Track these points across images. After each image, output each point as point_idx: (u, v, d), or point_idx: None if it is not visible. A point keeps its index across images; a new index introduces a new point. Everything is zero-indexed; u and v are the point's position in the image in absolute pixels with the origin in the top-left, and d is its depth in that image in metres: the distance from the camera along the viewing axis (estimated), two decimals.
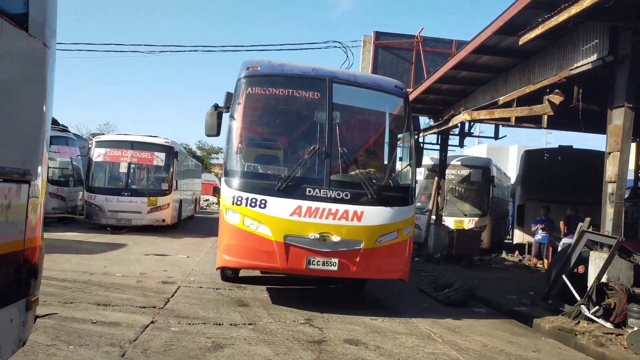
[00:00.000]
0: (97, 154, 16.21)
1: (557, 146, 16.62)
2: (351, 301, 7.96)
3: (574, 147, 16.45)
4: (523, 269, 14.54)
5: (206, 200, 38.22)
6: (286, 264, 6.65)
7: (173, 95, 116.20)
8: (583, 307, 7.19)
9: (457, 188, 17.34)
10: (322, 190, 6.85)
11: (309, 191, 6.83)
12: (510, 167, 38.08)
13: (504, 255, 16.55)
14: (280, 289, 8.56)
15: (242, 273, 8.68)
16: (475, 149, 44.35)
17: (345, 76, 7.82)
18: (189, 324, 5.85)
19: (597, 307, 7.14)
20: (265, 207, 6.72)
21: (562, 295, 8.40)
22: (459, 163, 17.32)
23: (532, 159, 16.56)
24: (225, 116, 7.47)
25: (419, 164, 7.95)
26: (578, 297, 7.37)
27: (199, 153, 56.40)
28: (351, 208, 6.82)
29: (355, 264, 6.79)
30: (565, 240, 12.99)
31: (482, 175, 17.28)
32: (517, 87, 10.95)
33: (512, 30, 9.30)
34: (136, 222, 15.81)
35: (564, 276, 7.93)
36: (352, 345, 5.46)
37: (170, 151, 16.70)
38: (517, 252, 16.63)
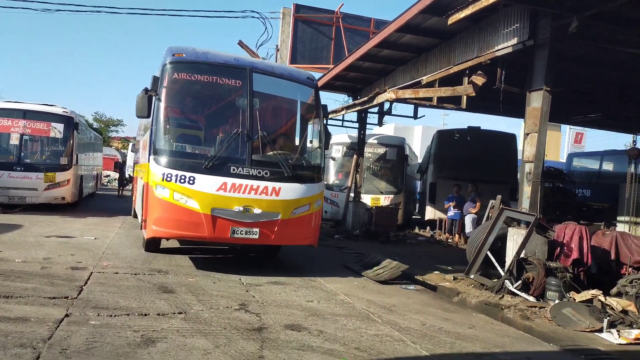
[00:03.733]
0: None
1: (466, 127, 17.34)
2: (282, 283, 7.68)
3: (481, 128, 17.24)
4: (435, 243, 15.16)
5: (107, 176, 35.77)
6: (213, 233, 7.50)
7: (68, 61, 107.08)
8: (507, 282, 7.50)
9: (373, 166, 17.58)
10: (244, 169, 7.68)
11: (233, 169, 7.64)
12: (415, 146, 39.56)
13: (416, 230, 17.15)
14: (203, 261, 8.36)
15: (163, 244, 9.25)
16: (383, 128, 45.38)
17: (263, 66, 8.67)
18: (111, 315, 5.24)
19: (519, 282, 7.48)
20: (193, 183, 7.48)
21: (483, 270, 8.78)
22: (375, 142, 17.54)
23: (443, 139, 17.17)
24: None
25: (327, 146, 9.09)
26: (502, 272, 7.68)
27: (96, 125, 52.49)
28: (270, 185, 7.75)
29: (273, 233, 7.80)
30: (473, 216, 13.68)
31: (397, 154, 17.67)
32: (437, 68, 11.12)
33: (438, 10, 9.34)
34: (31, 200, 14.23)
35: (488, 252, 8.21)
36: (294, 331, 5.20)
37: (69, 122, 15.15)
38: (428, 227, 17.29)
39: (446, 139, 17.13)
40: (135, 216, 14.15)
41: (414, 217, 21.19)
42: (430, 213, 16.84)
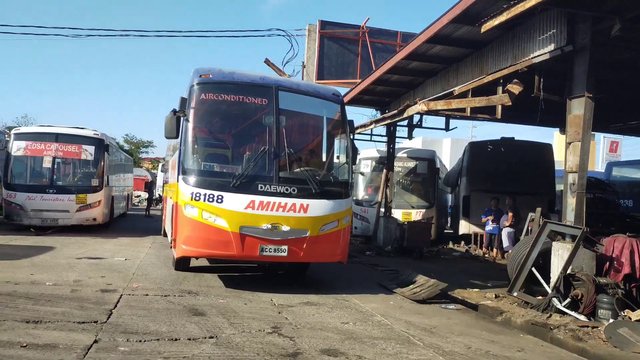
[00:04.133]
0: (17, 148, 14.52)
1: (499, 138, 16.84)
2: (315, 303, 7.39)
3: (515, 139, 16.73)
4: (471, 259, 14.63)
5: (137, 196, 36.25)
6: (242, 251, 7.52)
7: (98, 85, 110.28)
8: (555, 300, 7.04)
9: (403, 180, 17.20)
10: (272, 186, 7.69)
11: (261, 187, 7.64)
12: (444, 159, 38.94)
13: (450, 245, 16.64)
14: (233, 280, 8.34)
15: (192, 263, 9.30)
16: (411, 142, 44.84)
17: (289, 84, 8.72)
18: (140, 341, 5.05)
19: (568, 299, 7.01)
20: (222, 202, 7.51)
21: (526, 287, 8.32)
22: (405, 155, 17.19)
23: (476, 151, 16.69)
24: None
25: (354, 161, 9.01)
26: (549, 289, 7.23)
27: (127, 147, 53.61)
28: (298, 201, 7.73)
29: (302, 250, 7.77)
30: (508, 230, 13.15)
31: (427, 167, 17.26)
32: (469, 79, 10.79)
33: (469, 19, 9.07)
34: (64, 221, 14.36)
35: (533, 268, 7.76)
36: (332, 357, 4.90)
37: (100, 144, 15.32)
38: (462, 242, 16.76)
39: (479, 151, 16.66)
40: (165, 235, 14.17)
41: (445, 231, 20.67)
42: (465, 227, 16.32)
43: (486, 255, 14.42)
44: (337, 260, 8.35)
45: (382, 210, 15.55)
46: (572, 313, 6.81)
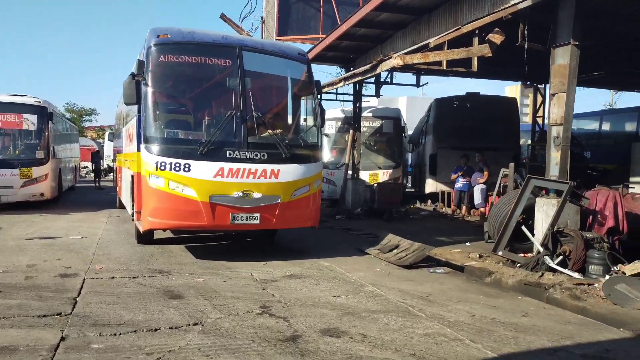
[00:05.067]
0: None
1: (464, 93, 16.59)
2: (299, 275, 6.92)
3: (480, 93, 16.52)
4: (440, 217, 14.52)
5: (85, 167, 34.31)
6: (213, 221, 7.26)
7: (34, 50, 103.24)
8: (547, 258, 6.84)
9: (369, 140, 16.76)
10: (241, 152, 7.40)
11: (229, 153, 7.34)
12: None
13: (417, 205, 16.49)
14: (203, 252, 8.00)
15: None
16: (368, 101, 44.16)
17: (253, 44, 8.37)
18: (115, 334, 4.41)
19: (560, 257, 6.82)
20: (189, 170, 7.18)
21: (509, 245, 8.14)
22: (370, 115, 16.67)
23: (442, 107, 16.35)
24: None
25: (322, 123, 8.60)
26: (540, 248, 7.02)
27: (68, 116, 50.45)
28: (268, 167, 7.49)
29: (274, 217, 7.59)
30: (482, 187, 13.02)
31: (393, 126, 16.88)
32: (442, 30, 10.25)
33: None
34: (7, 198, 13.12)
35: (523, 227, 7.54)
36: (334, 338, 4.44)
37: (42, 112, 13.97)
38: (429, 201, 16.65)
39: (445, 108, 16.33)
40: (121, 207, 13.39)
41: (407, 190, 20.57)
42: (432, 186, 16.15)
43: (456, 214, 14.32)
44: (310, 225, 8.22)
45: (350, 172, 15.11)
46: (566, 271, 6.64)
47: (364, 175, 15.73)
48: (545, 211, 7.70)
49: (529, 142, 18.25)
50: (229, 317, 4.95)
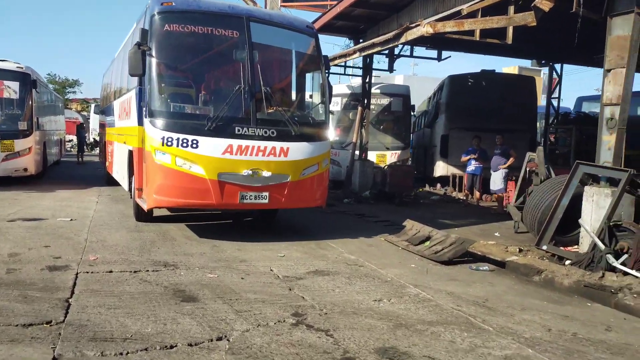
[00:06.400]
0: None
1: (479, 71, 15.65)
2: (326, 271, 6.05)
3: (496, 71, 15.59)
4: (452, 202, 13.78)
5: (70, 141, 32.86)
6: (221, 200, 6.99)
7: (8, 16, 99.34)
8: (609, 256, 6.02)
9: (376, 119, 15.79)
10: (250, 129, 7.10)
11: (238, 130, 7.04)
12: None
13: (427, 188, 15.68)
14: (205, 231, 7.15)
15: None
16: (358, 79, 42.58)
17: (261, 14, 7.98)
18: (121, 353, 3.50)
19: (625, 255, 6.01)
20: (197, 147, 6.86)
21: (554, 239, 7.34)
22: (377, 91, 15.64)
23: (456, 86, 15.36)
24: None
25: (330, 100, 8.29)
26: (600, 244, 6.19)
27: (50, 87, 48.42)
28: (278, 145, 7.22)
29: (283, 196, 7.32)
30: (505, 171, 12.15)
31: (402, 104, 15.93)
32: None
33: None
34: None
35: (580, 221, 6.70)
36: None
37: (26, 79, 12.76)
38: (438, 184, 15.84)
39: (459, 86, 15.35)
40: (111, 184, 12.61)
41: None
42: (442, 169, 15.29)
43: (468, 198, 13.49)
44: (317, 205, 8.04)
45: (357, 152, 14.18)
46: (632, 271, 5.81)
47: (371, 156, 14.80)
48: (595, 201, 6.88)
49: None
50: (258, 330, 4.06)
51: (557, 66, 16.59)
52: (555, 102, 16.83)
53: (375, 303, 4.88)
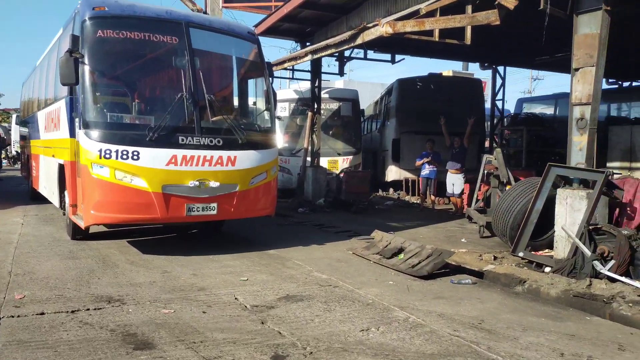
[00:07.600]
0: None
1: (426, 74, 15.50)
2: (298, 296, 5.37)
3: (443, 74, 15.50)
4: (407, 207, 13.48)
5: None
6: (166, 213, 6.69)
7: None
8: (597, 263, 5.72)
9: (326, 124, 15.26)
10: (195, 138, 6.86)
11: (182, 139, 6.79)
12: None
13: (380, 193, 15.31)
14: (151, 249, 6.10)
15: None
16: (301, 83, 42.03)
17: (200, 20, 7.72)
18: None
19: (612, 261, 5.73)
20: (138, 158, 6.55)
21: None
22: (326, 96, 15.11)
23: (405, 89, 15.08)
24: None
25: (275, 106, 8.36)
26: (585, 250, 5.88)
27: None
28: (225, 154, 7.04)
29: (232, 206, 7.14)
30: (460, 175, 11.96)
31: (352, 109, 15.51)
32: None
33: None
34: None
35: (563, 227, 6.39)
36: None
37: None
38: (391, 189, 15.53)
39: (408, 89, 15.10)
40: (36, 201, 11.69)
41: None
42: (395, 173, 14.95)
43: (423, 202, 13.21)
44: (267, 214, 7.86)
45: (309, 159, 13.58)
46: (622, 278, 5.54)
47: (323, 162, 14.26)
48: (570, 204, 6.61)
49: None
50: None
51: (500, 68, 16.76)
52: (499, 104, 16.98)
53: (364, 334, 4.26)
